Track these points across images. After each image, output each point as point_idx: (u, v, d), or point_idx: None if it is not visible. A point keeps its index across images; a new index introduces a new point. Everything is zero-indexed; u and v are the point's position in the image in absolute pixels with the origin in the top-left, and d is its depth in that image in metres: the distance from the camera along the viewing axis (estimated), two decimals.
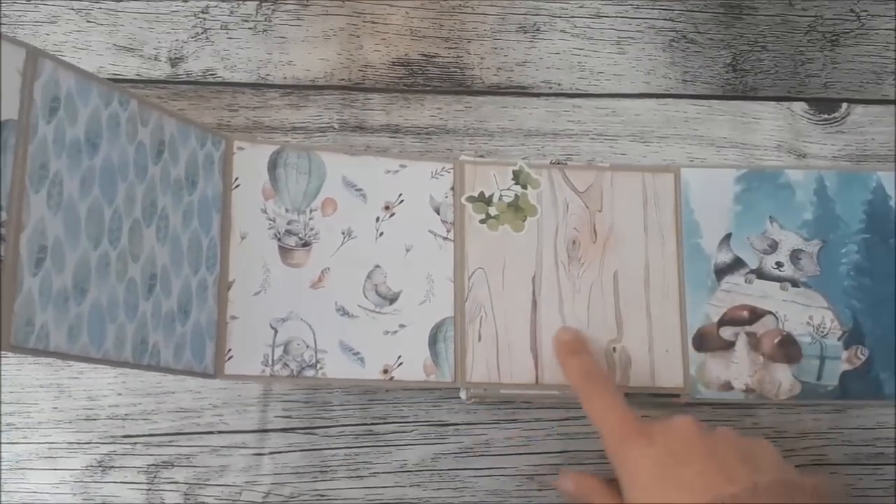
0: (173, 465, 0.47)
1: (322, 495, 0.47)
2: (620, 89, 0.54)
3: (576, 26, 0.55)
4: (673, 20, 0.56)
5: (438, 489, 0.48)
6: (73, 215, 0.38)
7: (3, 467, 0.46)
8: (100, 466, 0.47)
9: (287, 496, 0.47)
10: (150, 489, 0.47)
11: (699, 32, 0.56)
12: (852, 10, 0.57)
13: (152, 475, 0.47)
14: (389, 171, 0.50)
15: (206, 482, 0.47)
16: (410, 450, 0.48)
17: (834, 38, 0.56)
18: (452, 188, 0.50)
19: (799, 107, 0.55)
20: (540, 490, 0.48)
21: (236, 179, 0.48)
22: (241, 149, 0.49)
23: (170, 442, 0.47)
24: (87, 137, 0.39)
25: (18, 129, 0.36)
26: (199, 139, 0.46)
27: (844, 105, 0.55)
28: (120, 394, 0.48)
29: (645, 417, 0.44)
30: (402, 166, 0.50)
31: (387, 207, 0.49)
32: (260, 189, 0.49)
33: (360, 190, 0.49)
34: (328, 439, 0.48)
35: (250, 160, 0.49)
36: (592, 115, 0.54)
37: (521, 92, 0.54)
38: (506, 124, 0.53)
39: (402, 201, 0.49)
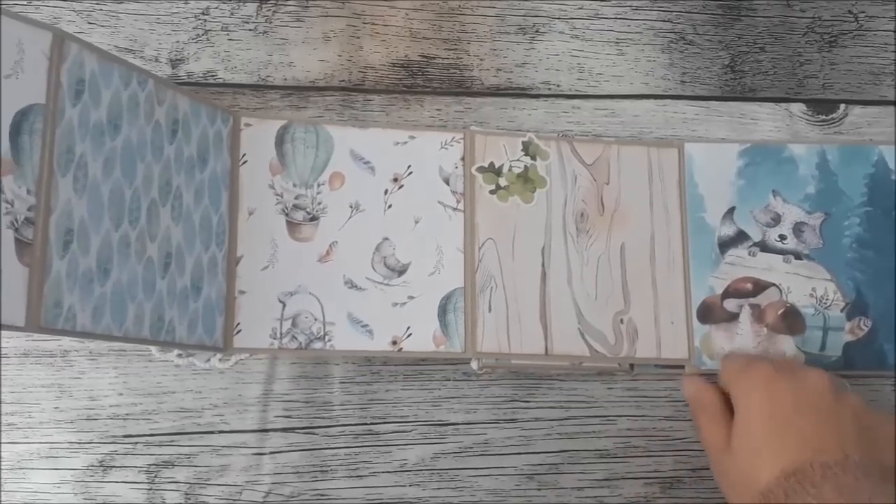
0: (174, 465, 0.47)
1: (322, 495, 0.47)
2: (619, 90, 0.55)
3: (575, 28, 0.55)
4: (671, 21, 0.56)
5: (438, 489, 0.48)
6: (97, 197, 0.38)
7: (4, 467, 0.46)
8: (101, 466, 0.47)
9: (287, 496, 0.47)
10: (150, 489, 0.47)
11: (698, 34, 0.56)
12: (850, 12, 0.57)
13: (153, 475, 0.47)
14: (398, 143, 0.50)
15: (207, 482, 0.47)
16: (410, 449, 0.48)
17: (832, 39, 0.57)
18: (462, 158, 0.50)
19: (797, 108, 0.55)
20: (539, 490, 0.48)
21: (244, 156, 0.49)
22: (248, 125, 0.49)
23: (170, 442, 0.47)
24: (110, 119, 0.39)
25: (46, 113, 0.35)
26: (209, 117, 0.47)
27: (842, 106, 0.55)
28: (121, 394, 0.48)
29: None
30: (412, 137, 0.50)
31: (395, 179, 0.50)
32: (267, 165, 0.49)
33: (367, 163, 0.49)
34: (328, 439, 0.48)
35: (258, 136, 0.49)
36: (591, 116, 0.54)
37: (521, 93, 0.54)
38: (505, 125, 0.53)
39: (410, 173, 0.50)
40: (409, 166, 0.50)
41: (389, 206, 0.49)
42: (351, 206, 0.49)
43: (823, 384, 0.42)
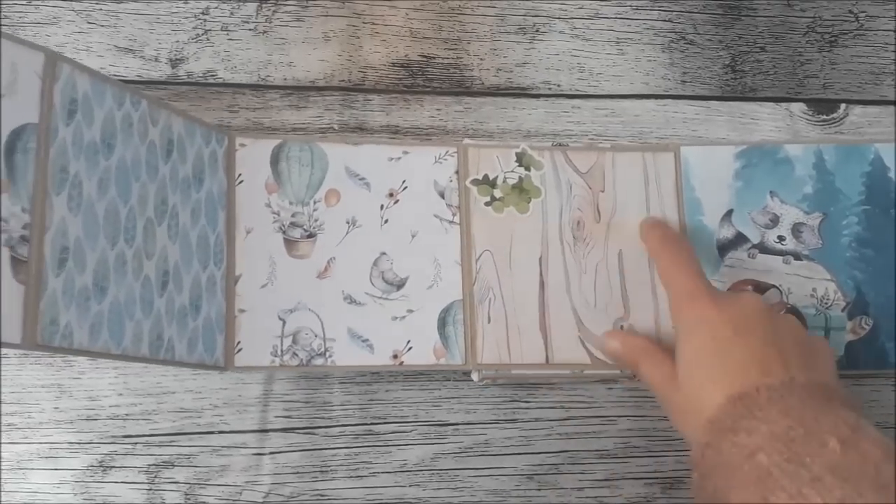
0: (174, 465, 0.47)
1: (322, 495, 0.47)
2: (619, 90, 0.55)
3: (575, 27, 0.55)
4: (672, 21, 0.56)
5: (438, 489, 0.48)
6: (92, 216, 0.39)
7: (3, 467, 0.46)
8: (100, 466, 0.47)
9: (287, 496, 0.47)
10: (150, 489, 0.47)
11: (698, 33, 0.56)
12: (851, 11, 0.57)
13: (153, 475, 0.47)
14: (392, 159, 0.50)
15: (207, 482, 0.47)
16: (410, 450, 0.48)
17: (832, 38, 0.57)
18: (457, 171, 0.50)
19: (797, 107, 0.55)
20: (539, 490, 0.48)
21: (239, 176, 0.49)
22: (243, 145, 0.49)
23: (170, 442, 0.47)
24: (103, 138, 0.40)
25: (39, 132, 0.36)
26: (204, 137, 0.47)
27: (843, 106, 0.55)
28: (121, 394, 0.48)
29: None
30: (405, 153, 0.50)
31: (391, 194, 0.50)
32: (263, 184, 0.49)
33: (363, 179, 0.50)
34: (328, 439, 0.48)
35: (252, 156, 0.49)
36: (592, 115, 0.54)
37: (521, 93, 0.54)
38: (505, 125, 0.53)
39: (405, 188, 0.50)
40: (404, 181, 0.50)
41: (386, 221, 0.49)
42: (348, 222, 0.49)
43: (759, 306, 0.42)
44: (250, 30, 0.54)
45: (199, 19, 0.53)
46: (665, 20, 0.56)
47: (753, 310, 0.41)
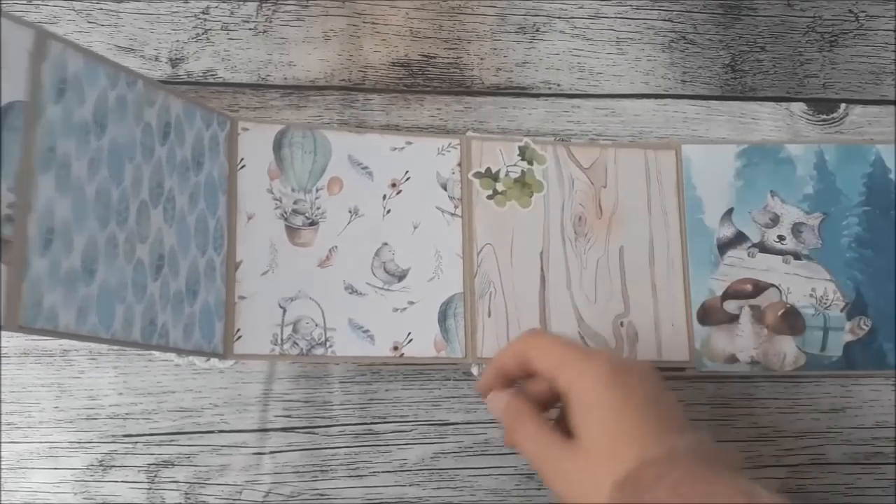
0: (174, 465, 0.47)
1: (322, 494, 0.47)
2: (619, 90, 0.55)
3: (575, 27, 0.55)
4: (672, 21, 0.56)
5: (438, 488, 0.48)
6: (81, 197, 0.38)
7: (3, 467, 0.46)
8: (100, 466, 0.47)
9: (287, 495, 0.47)
10: (150, 488, 0.47)
11: (698, 33, 0.56)
12: (851, 11, 0.57)
13: (153, 474, 0.47)
14: (395, 149, 0.50)
15: (207, 481, 0.47)
16: (410, 449, 0.48)
17: (832, 38, 0.57)
18: (459, 164, 0.50)
19: (798, 107, 0.55)
20: (539, 489, 0.48)
21: (241, 160, 0.49)
22: (245, 129, 0.49)
23: (170, 441, 0.47)
24: (95, 118, 0.39)
25: (26, 110, 0.35)
26: (204, 120, 0.46)
27: (843, 105, 0.55)
28: (121, 393, 0.48)
29: None
30: (408, 143, 0.50)
31: (393, 185, 0.50)
32: (265, 169, 0.49)
33: (365, 168, 0.50)
34: (328, 439, 0.48)
35: (255, 140, 0.49)
36: (592, 115, 0.54)
37: (521, 92, 0.54)
38: (505, 125, 0.53)
39: (408, 178, 0.50)
40: (407, 171, 0.50)
41: (388, 212, 0.49)
42: (350, 211, 0.49)
43: (654, 371, 0.37)
44: (250, 29, 0.53)
45: (200, 19, 0.53)
46: (665, 20, 0.56)
47: (654, 374, 0.37)
